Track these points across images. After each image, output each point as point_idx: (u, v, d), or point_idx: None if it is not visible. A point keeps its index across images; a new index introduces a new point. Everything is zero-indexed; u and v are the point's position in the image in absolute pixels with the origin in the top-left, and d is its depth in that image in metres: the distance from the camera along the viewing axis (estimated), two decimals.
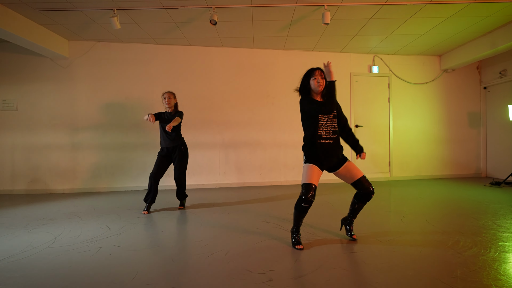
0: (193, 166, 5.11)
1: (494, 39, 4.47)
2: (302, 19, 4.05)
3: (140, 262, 2.04)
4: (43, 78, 4.90)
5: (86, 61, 4.93)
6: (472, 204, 3.60)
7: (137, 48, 4.99)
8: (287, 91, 5.34)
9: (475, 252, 2.11)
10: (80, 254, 2.20)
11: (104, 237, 2.58)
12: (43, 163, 4.91)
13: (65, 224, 3.04)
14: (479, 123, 5.83)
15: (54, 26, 4.29)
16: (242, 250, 2.23)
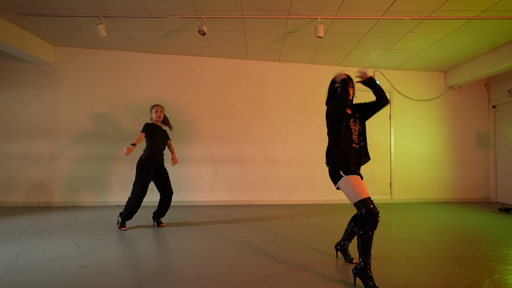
0: (179, 182, 5.14)
1: (500, 56, 4.58)
2: (296, 32, 4.18)
3: (103, 285, 2.04)
4: (25, 84, 5.03)
5: (72, 68, 5.07)
6: (475, 231, 3.57)
7: (125, 56, 5.15)
8: (282, 105, 5.45)
9: (467, 285, 2.08)
10: (39, 274, 2.19)
11: (70, 256, 2.58)
12: (19, 173, 4.96)
13: (33, 240, 3.04)
14: (488, 144, 5.85)
15: (39, 31, 4.45)
16: (214, 274, 2.21)
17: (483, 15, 3.58)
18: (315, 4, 3.45)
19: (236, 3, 3.44)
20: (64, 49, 5.08)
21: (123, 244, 2.95)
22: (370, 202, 1.97)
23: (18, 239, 3.08)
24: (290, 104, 5.47)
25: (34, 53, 4.62)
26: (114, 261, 2.50)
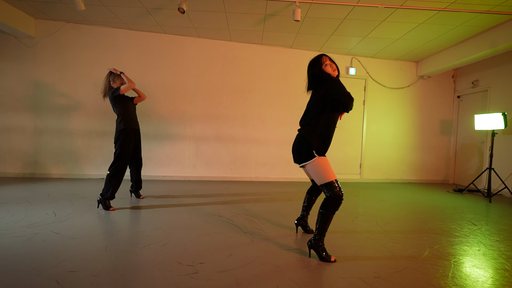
0: (162, 158, 5.08)
1: (467, 48, 4.60)
2: (276, 15, 4.05)
3: (72, 249, 2.02)
4: (6, 57, 4.74)
5: (53, 42, 4.79)
6: (428, 208, 3.72)
7: (108, 32, 4.89)
8: (263, 88, 5.37)
9: (409, 254, 2.18)
10: (11, 239, 2.16)
11: (45, 223, 2.54)
12: (3, 145, 4.77)
13: (12, 208, 2.97)
14: (451, 131, 6.00)
15: (19, 3, 4.15)
16: (181, 242, 2.23)
17: (452, 7, 3.55)
18: None
19: None
20: (46, 22, 4.77)
21: (98, 214, 2.92)
22: (337, 185, 1.94)
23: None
24: (271, 87, 5.39)
25: (14, 25, 4.32)
26: (86, 229, 2.48)
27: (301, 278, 1.75)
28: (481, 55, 4.43)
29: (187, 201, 3.60)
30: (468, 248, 2.36)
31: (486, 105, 5.16)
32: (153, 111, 5.03)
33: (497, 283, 1.79)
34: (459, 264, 2.03)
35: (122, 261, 1.88)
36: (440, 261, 2.07)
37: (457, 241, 2.53)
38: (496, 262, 2.10)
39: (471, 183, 4.77)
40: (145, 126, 4.92)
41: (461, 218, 3.28)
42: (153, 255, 1.98)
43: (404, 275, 1.84)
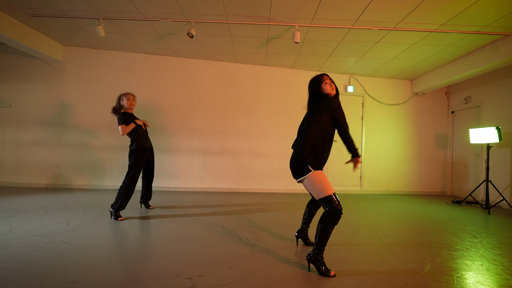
0: (172, 170, 5.01)
1: (458, 67, 4.46)
2: (277, 38, 4.03)
3: (77, 259, 1.92)
4: (37, 79, 4.85)
5: (78, 66, 4.89)
6: (427, 220, 3.48)
7: (126, 56, 4.97)
8: (266, 105, 5.31)
9: (410, 268, 1.98)
10: (23, 248, 2.07)
11: (57, 232, 2.46)
12: (29, 158, 4.80)
13: (29, 217, 2.91)
14: (446, 145, 5.76)
15: (48, 31, 4.27)
16: (182, 253, 2.10)
17: (442, 28, 3.45)
18: (291, 11, 3.29)
19: (221, 9, 3.28)
20: (72, 49, 4.89)
21: (108, 224, 2.82)
22: (335, 199, 1.80)
23: (17, 215, 2.95)
24: (273, 104, 5.33)
25: (45, 52, 4.45)
26: (95, 238, 2.38)
27: None
28: (472, 73, 4.28)
29: (193, 212, 3.47)
30: (471, 262, 2.14)
31: (480, 119, 4.94)
32: (165, 126, 5.01)
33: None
34: (462, 280, 1.83)
35: (122, 273, 1.75)
36: (442, 277, 1.87)
37: (458, 254, 2.30)
38: (501, 278, 1.88)
39: (469, 195, 4.49)
40: (157, 140, 4.89)
41: (461, 231, 3.04)
42: (154, 266, 1.85)
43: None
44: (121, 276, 1.71)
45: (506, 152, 4.38)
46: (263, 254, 2.16)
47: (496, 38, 3.67)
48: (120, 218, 2.95)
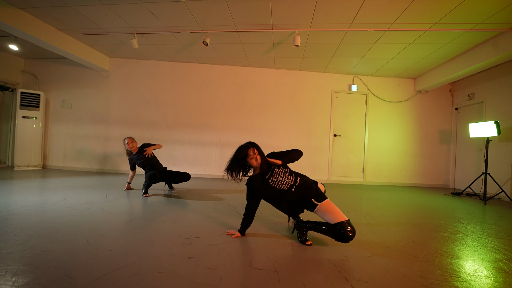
0: (194, 159, 5.30)
1: (458, 64, 4.16)
2: (282, 43, 4.09)
3: (106, 221, 2.20)
4: (90, 85, 5.42)
5: (121, 73, 5.37)
6: (420, 208, 3.33)
7: (157, 64, 5.35)
8: (275, 104, 5.39)
9: (386, 244, 1.97)
10: (70, 211, 2.41)
11: (97, 202, 2.80)
12: (84, 148, 5.39)
13: (80, 191, 3.32)
14: (450, 140, 5.37)
15: (97, 46, 4.76)
16: (187, 221, 2.30)
17: (435, 27, 3.26)
18: (291, 18, 3.34)
19: (229, 19, 3.43)
20: (116, 60, 5.38)
21: (137, 198, 3.12)
22: (346, 225, 1.69)
23: (72, 190, 3.38)
24: (282, 104, 5.38)
25: (95, 63, 4.97)
26: (123, 207, 2.67)
27: (275, 255, 1.68)
28: (473, 69, 3.97)
29: (207, 193, 3.68)
30: (447, 242, 2.07)
31: (482, 115, 4.55)
32: (189, 123, 5.31)
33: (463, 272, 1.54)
34: (431, 255, 1.79)
35: (138, 231, 1.99)
36: (412, 251, 1.84)
37: (437, 235, 2.22)
38: (470, 255, 1.81)
39: (468, 186, 4.18)
40: (182, 135, 5.22)
41: (450, 217, 2.88)
42: (163, 229, 2.07)
43: (370, 260, 1.67)
44: (137, 234, 1.94)
45: (508, 146, 4.00)
46: (254, 225, 2.28)
47: (495, 34, 3.38)
48: (146, 194, 3.24)
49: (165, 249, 1.67)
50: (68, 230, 1.92)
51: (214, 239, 1.90)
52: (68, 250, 1.60)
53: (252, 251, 1.71)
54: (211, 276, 1.37)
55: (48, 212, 2.33)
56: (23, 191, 3.17)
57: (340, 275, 1.45)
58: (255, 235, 2.02)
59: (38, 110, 5.22)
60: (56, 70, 5.54)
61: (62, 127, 5.46)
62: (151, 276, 1.34)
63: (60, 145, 5.46)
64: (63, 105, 5.50)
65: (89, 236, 1.83)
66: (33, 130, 5.18)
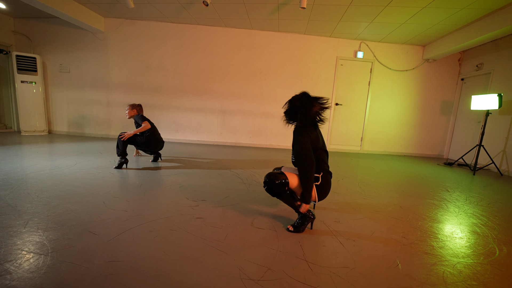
0: (196, 126, 5.35)
1: (471, 31, 3.91)
2: (287, 3, 3.79)
3: (119, 184, 2.35)
4: (86, 48, 5.18)
5: (117, 35, 5.09)
6: (411, 176, 3.49)
7: (155, 26, 5.02)
8: (278, 70, 5.21)
9: (375, 208, 2.14)
10: (83, 175, 2.55)
11: (107, 167, 2.93)
12: (88, 113, 5.40)
13: (89, 156, 3.45)
14: (451, 112, 5.34)
15: (90, 5, 4.42)
16: (193, 186, 2.45)
17: None
18: None
19: None
20: (112, 20, 5.04)
21: (144, 161, 3.26)
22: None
23: (81, 155, 3.50)
24: (285, 69, 5.21)
25: (89, 23, 4.66)
26: (133, 172, 2.80)
27: (274, 218, 1.84)
28: (484, 38, 3.75)
29: (210, 159, 3.82)
30: (431, 208, 2.24)
31: (487, 87, 4.44)
32: (190, 89, 5.22)
33: (441, 234, 1.71)
34: (414, 219, 1.96)
35: (148, 194, 2.14)
36: (398, 215, 2.02)
37: (423, 202, 2.39)
38: (450, 220, 1.98)
39: (460, 157, 4.30)
40: (184, 100, 5.17)
41: (438, 186, 3.05)
42: (171, 192, 2.22)
43: (360, 222, 1.84)
44: (146, 196, 2.10)
45: (506, 119, 4.00)
46: (256, 188, 2.44)
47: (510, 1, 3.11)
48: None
49: (175, 210, 1.83)
50: (85, 193, 2.07)
51: (219, 202, 2.06)
52: (88, 210, 1.75)
53: (253, 214, 1.88)
54: (217, 233, 1.54)
55: (63, 176, 2.47)
56: (35, 156, 3.29)
57: (332, 234, 1.62)
58: (255, 197, 2.18)
59: (36, 74, 5.08)
60: (49, 31, 5.23)
61: (63, 92, 5.39)
62: (164, 233, 1.50)
63: (63, 110, 5.45)
64: (61, 69, 5.33)
65: (105, 198, 1.98)
66: (34, 95, 5.13)
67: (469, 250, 1.54)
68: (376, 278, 1.23)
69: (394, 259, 1.40)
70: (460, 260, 1.43)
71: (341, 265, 1.31)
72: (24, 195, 1.94)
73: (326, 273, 1.24)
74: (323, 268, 1.28)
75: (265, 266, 1.26)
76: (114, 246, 1.34)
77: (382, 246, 1.53)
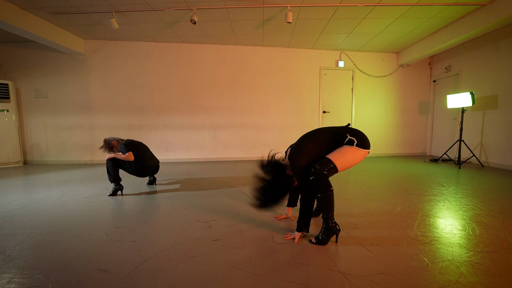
0: (187, 144, 5.20)
1: (439, 38, 4.29)
2: (272, 19, 3.93)
3: (118, 212, 2.17)
4: (65, 71, 4.93)
5: (98, 57, 4.92)
6: (405, 175, 3.61)
7: (138, 45, 4.94)
8: (265, 82, 5.30)
9: (385, 210, 2.16)
10: (76, 206, 2.33)
11: (99, 195, 2.72)
12: (69, 139, 5.05)
13: (76, 185, 3.18)
14: (428, 111, 5.72)
15: (69, 27, 4.26)
16: (199, 205, 2.33)
17: (423, 1, 3.29)
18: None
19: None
20: (92, 42, 4.88)
21: (137, 187, 3.07)
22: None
23: (66, 185, 3.23)
24: (272, 81, 5.31)
25: (68, 46, 4.47)
26: (130, 198, 2.62)
27: (289, 228, 1.79)
28: (452, 43, 4.14)
29: (207, 176, 3.70)
30: (435, 204, 2.31)
31: (458, 86, 4.85)
32: (178, 106, 5.12)
33: (453, 228, 1.76)
34: (424, 216, 2.00)
35: (153, 220, 1.99)
36: (409, 214, 2.05)
37: (426, 199, 2.47)
38: (457, 214, 2.05)
39: (444, 153, 4.57)
40: (172, 118, 5.05)
41: (433, 182, 3.18)
42: (178, 215, 2.09)
43: (377, 225, 1.84)
44: (154, 223, 1.95)
45: (479, 114, 4.36)
46: None
47: (474, 8, 3.49)
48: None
49: (188, 234, 1.71)
50: (82, 226, 1.88)
51: (231, 220, 1.97)
52: (91, 244, 1.58)
53: (270, 229, 1.80)
54: (241, 254, 1.45)
55: (52, 210, 2.24)
56: (14, 190, 2.97)
57: (356, 242, 1.59)
58: (266, 214, 2.11)
59: (8, 101, 4.71)
60: (23, 55, 4.93)
61: (40, 119, 5.02)
62: (184, 261, 1.38)
63: (41, 138, 5.06)
64: (37, 95, 5.00)
65: (106, 229, 1.81)
66: (6, 124, 4.72)
67: (485, 240, 1.59)
68: (413, 280, 1.21)
69: (421, 258, 1.40)
70: (482, 250, 1.46)
71: (376, 272, 1.28)
72: (11, 236, 1.72)
73: (364, 282, 1.19)
74: (359, 277, 1.23)
75: (303, 283, 1.19)
76: (133, 283, 1.20)
77: (406, 247, 1.52)
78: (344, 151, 1.57)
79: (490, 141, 4.15)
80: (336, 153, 1.58)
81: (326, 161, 1.55)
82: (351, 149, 1.57)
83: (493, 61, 4.08)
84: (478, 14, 3.51)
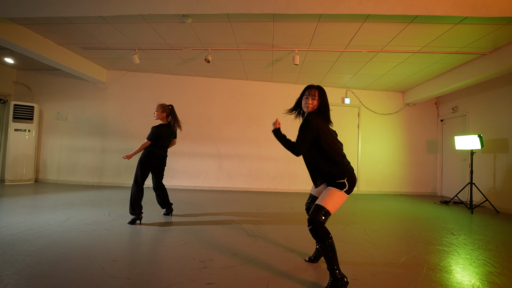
0: (193, 171, 5.29)
1: (443, 81, 4.43)
2: (280, 60, 4.21)
3: (117, 243, 2.18)
4: (86, 97, 5.32)
5: (118, 86, 5.32)
6: (413, 218, 3.48)
7: (156, 77, 5.34)
8: (272, 115, 5.48)
9: (388, 259, 2.07)
10: (77, 233, 2.37)
11: (102, 222, 2.75)
12: (80, 160, 5.26)
13: (81, 209, 3.25)
14: (436, 150, 5.65)
15: (95, 60, 4.70)
16: (197, 242, 2.31)
17: (424, 49, 3.49)
18: (291, 39, 3.47)
19: (232, 39, 3.52)
20: (114, 72, 5.33)
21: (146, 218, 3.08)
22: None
23: (72, 207, 3.30)
24: (278, 115, 5.48)
25: (92, 75, 4.89)
26: (130, 227, 2.64)
27: (287, 275, 1.74)
28: (456, 86, 4.25)
29: (209, 208, 3.69)
30: (443, 255, 2.20)
31: (466, 127, 4.84)
32: (187, 135, 5.31)
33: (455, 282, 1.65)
34: (430, 270, 1.90)
35: (151, 255, 1.99)
36: (414, 267, 1.95)
37: (434, 249, 2.35)
38: (467, 270, 1.94)
39: (455, 196, 4.41)
40: (181, 146, 5.20)
41: (442, 228, 3.05)
42: (175, 251, 2.08)
43: (379, 278, 1.76)
44: (151, 258, 1.94)
45: (490, 157, 4.28)
46: (263, 243, 2.33)
47: (477, 56, 3.64)
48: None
49: (183, 275, 1.69)
50: (81, 256, 1.89)
51: (228, 261, 1.93)
52: (85, 280, 1.58)
53: (267, 275, 1.76)
54: None
55: (54, 235, 2.28)
56: (22, 210, 3.06)
57: None
58: (266, 253, 2.07)
59: (31, 122, 5.06)
60: (50, 81, 5.40)
61: (57, 140, 5.31)
62: None
63: (54, 158, 5.30)
64: (58, 117, 5.35)
65: (103, 262, 1.82)
66: (26, 142, 5.01)
67: None
68: None
69: None
70: None
71: None
72: (10, 263, 1.75)
73: None
74: None
75: None
76: None
77: None
78: (333, 195, 1.58)
79: (504, 185, 4.01)
80: (325, 197, 1.58)
81: (318, 208, 1.56)
82: (339, 194, 1.59)
83: (500, 105, 4.12)
84: (479, 62, 3.65)
